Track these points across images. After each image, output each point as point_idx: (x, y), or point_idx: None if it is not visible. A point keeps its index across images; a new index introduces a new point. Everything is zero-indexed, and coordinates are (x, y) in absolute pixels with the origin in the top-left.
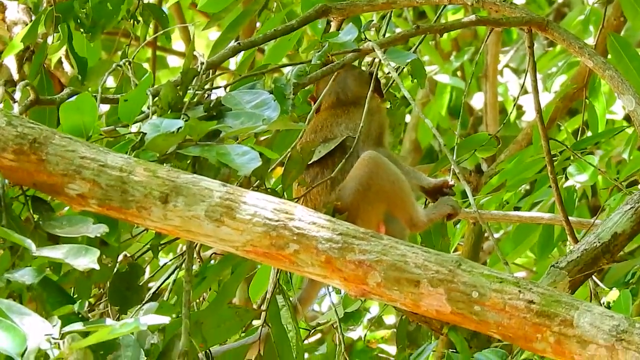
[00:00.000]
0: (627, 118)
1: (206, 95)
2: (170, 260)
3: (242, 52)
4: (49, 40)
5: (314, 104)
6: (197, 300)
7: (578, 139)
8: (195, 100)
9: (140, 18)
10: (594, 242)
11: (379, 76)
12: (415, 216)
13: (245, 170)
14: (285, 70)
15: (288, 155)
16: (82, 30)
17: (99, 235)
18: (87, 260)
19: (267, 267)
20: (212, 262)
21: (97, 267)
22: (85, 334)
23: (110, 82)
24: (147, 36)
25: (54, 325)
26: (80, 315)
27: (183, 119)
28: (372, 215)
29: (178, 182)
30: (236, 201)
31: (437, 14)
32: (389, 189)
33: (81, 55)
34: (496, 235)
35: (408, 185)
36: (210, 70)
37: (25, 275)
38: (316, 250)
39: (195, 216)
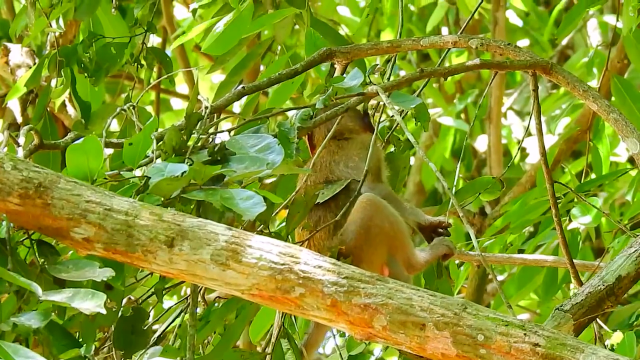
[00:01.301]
0: (631, 160)
1: (210, 139)
2: (175, 304)
3: (246, 96)
4: (53, 83)
5: (308, 141)
6: (202, 344)
7: (582, 181)
8: (199, 144)
9: (144, 62)
10: (598, 285)
11: (382, 119)
12: (412, 258)
13: (250, 215)
14: (290, 113)
15: (292, 198)
16: (85, 74)
17: (105, 279)
18: (93, 304)
19: (267, 308)
20: (217, 305)
21: (103, 311)
22: None
23: (114, 124)
24: (150, 79)
25: None
26: (86, 359)
27: (187, 163)
28: (376, 258)
29: (184, 226)
30: (242, 245)
31: (442, 57)
32: (388, 231)
33: (84, 98)
34: (500, 278)
35: (405, 227)
36: (215, 114)
37: (31, 319)
38: (322, 294)
39: (201, 260)
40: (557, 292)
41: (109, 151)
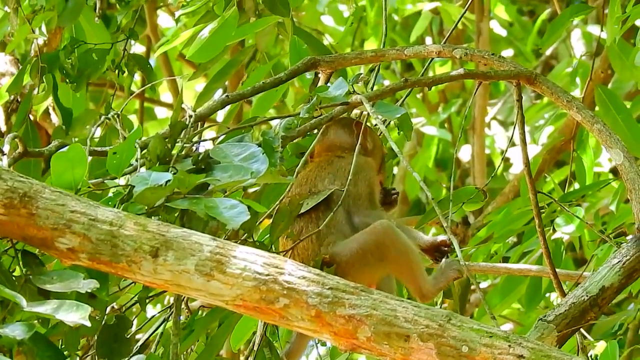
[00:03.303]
0: (614, 170)
1: (194, 148)
2: (158, 313)
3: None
4: (35, 90)
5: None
6: (185, 353)
7: (565, 191)
8: (183, 152)
9: (125, 69)
10: (582, 296)
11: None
12: (424, 286)
13: (234, 224)
14: (274, 122)
15: (276, 208)
16: (67, 80)
17: (89, 290)
18: (77, 316)
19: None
20: (200, 314)
21: (88, 323)
22: None
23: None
24: (132, 87)
25: None
26: None
27: (171, 171)
28: (364, 279)
29: (168, 236)
30: (226, 255)
31: (425, 67)
32: (395, 260)
33: (67, 105)
34: (483, 286)
35: (418, 256)
36: (199, 123)
37: (15, 330)
38: (306, 305)
39: (186, 270)
40: (540, 302)
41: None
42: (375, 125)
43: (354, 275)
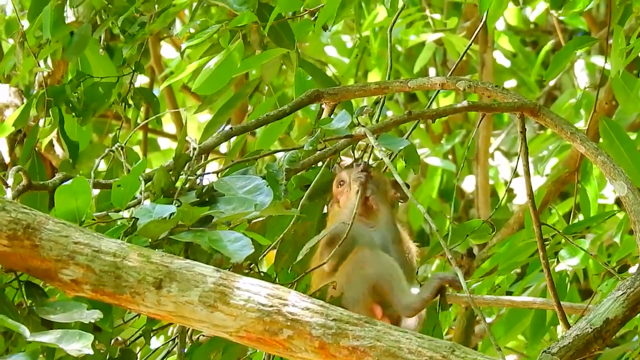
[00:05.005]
0: (618, 202)
1: (198, 181)
2: (162, 345)
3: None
4: (41, 123)
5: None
6: None
7: (570, 223)
8: (187, 185)
9: (131, 102)
10: (586, 328)
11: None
12: (406, 301)
13: (238, 257)
14: (278, 155)
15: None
16: (73, 114)
17: (93, 321)
18: (80, 346)
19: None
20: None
21: (90, 352)
22: None
23: (101, 164)
24: (138, 119)
25: None
26: None
27: (175, 204)
28: (356, 301)
29: (172, 268)
30: (230, 287)
31: (430, 100)
32: (370, 279)
33: (72, 138)
34: (488, 319)
35: (396, 270)
36: (203, 155)
37: None
38: (310, 336)
39: (189, 302)
40: (545, 334)
41: (96, 191)
42: (380, 158)
43: (348, 305)
